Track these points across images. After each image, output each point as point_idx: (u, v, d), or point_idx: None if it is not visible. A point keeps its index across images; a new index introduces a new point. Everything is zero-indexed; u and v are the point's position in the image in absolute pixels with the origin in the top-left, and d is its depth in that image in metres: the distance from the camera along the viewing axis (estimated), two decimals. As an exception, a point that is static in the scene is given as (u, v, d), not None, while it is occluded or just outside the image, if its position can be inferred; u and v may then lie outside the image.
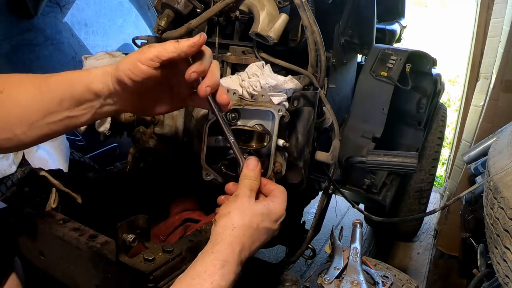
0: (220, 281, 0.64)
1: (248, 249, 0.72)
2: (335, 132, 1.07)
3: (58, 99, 0.72)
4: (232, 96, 0.86)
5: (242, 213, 0.73)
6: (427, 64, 2.05)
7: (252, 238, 0.72)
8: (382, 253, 2.52)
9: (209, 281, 0.63)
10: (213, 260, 0.66)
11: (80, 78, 0.73)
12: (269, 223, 0.75)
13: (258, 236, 0.74)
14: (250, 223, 0.72)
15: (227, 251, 0.68)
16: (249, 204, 0.74)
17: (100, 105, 0.76)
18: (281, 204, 0.78)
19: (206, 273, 0.64)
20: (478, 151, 1.87)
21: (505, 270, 0.91)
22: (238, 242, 0.70)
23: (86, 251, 0.87)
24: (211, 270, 0.65)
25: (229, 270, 0.66)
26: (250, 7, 1.03)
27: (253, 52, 1.08)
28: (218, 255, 0.67)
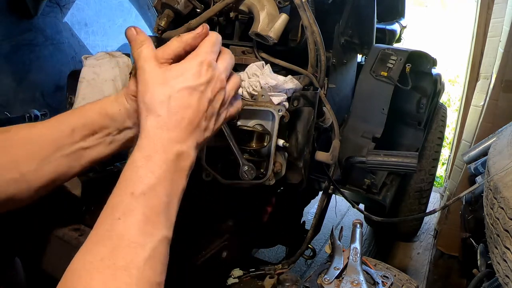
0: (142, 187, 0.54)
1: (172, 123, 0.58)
2: (335, 132, 1.07)
3: (69, 130, 0.67)
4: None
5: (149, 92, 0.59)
6: (427, 64, 2.05)
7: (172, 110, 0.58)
8: (382, 253, 2.52)
9: (129, 192, 0.54)
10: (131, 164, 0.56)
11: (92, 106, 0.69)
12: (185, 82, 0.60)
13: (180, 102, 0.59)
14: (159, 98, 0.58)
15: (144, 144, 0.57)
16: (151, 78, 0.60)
17: (118, 131, 0.70)
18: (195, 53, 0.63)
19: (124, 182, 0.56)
20: (478, 151, 1.87)
21: (505, 270, 0.91)
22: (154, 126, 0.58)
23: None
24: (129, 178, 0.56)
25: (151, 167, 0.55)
26: (250, 7, 1.03)
27: (253, 52, 1.07)
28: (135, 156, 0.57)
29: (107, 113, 0.68)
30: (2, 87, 1.81)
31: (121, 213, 0.53)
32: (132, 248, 0.51)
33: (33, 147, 0.66)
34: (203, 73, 0.61)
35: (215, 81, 0.63)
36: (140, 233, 0.52)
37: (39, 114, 1.88)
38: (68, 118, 0.68)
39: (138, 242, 0.51)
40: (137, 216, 0.53)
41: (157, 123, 0.58)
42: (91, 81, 1.01)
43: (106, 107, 0.69)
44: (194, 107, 0.60)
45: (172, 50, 0.63)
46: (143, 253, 0.51)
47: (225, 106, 0.67)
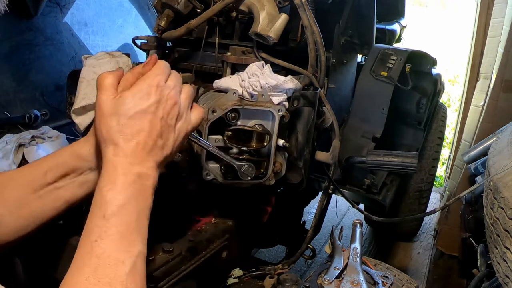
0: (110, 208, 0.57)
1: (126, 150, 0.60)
2: (335, 132, 1.07)
3: (42, 171, 0.70)
4: (232, 96, 0.86)
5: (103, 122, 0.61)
6: (427, 64, 2.05)
7: (125, 137, 0.61)
8: (382, 253, 2.52)
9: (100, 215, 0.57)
10: (98, 192, 0.59)
11: (65, 148, 0.72)
12: (135, 107, 0.61)
13: (132, 128, 0.61)
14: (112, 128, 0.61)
15: (107, 172, 0.60)
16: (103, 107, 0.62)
17: (89, 170, 0.72)
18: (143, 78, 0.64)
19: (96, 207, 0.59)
20: (478, 151, 1.87)
21: (505, 270, 0.91)
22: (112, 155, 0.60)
23: (86, 251, 0.87)
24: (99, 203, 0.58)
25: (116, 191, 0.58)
26: (250, 7, 1.03)
27: (253, 52, 1.07)
28: (101, 183, 0.60)
29: (78, 154, 0.71)
30: (2, 87, 1.81)
31: (97, 235, 0.56)
32: (113, 265, 0.54)
33: (7, 191, 0.68)
34: (152, 93, 0.63)
35: (165, 98, 0.64)
36: (118, 251, 0.55)
37: (39, 114, 1.88)
38: (41, 162, 0.71)
39: (118, 259, 0.55)
40: (112, 236, 0.56)
41: (115, 151, 0.61)
42: (91, 81, 1.01)
43: (77, 148, 0.71)
44: (146, 129, 0.62)
45: (127, 82, 0.65)
46: (123, 268, 0.55)
47: (183, 119, 0.68)
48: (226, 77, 1.02)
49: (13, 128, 1.76)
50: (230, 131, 0.85)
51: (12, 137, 1.64)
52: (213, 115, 0.81)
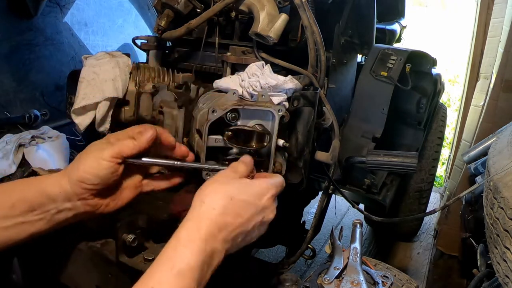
0: (181, 265, 0.58)
1: (220, 221, 0.64)
2: (335, 132, 1.07)
3: (9, 203, 0.69)
4: (232, 96, 0.86)
5: (216, 188, 0.67)
6: (427, 64, 2.05)
7: (225, 210, 0.65)
8: (382, 253, 2.52)
9: (169, 268, 0.58)
10: (175, 242, 0.61)
11: (34, 182, 0.72)
12: (249, 196, 0.67)
13: (234, 208, 0.66)
14: (222, 195, 0.65)
15: (191, 228, 0.62)
16: (226, 179, 0.69)
17: (57, 211, 0.72)
18: (269, 180, 0.72)
19: (166, 257, 0.60)
20: (478, 151, 1.87)
21: (505, 270, 0.91)
22: (206, 216, 0.63)
23: (86, 251, 0.87)
24: (171, 254, 0.60)
25: (192, 251, 0.59)
26: (250, 7, 1.03)
27: (253, 52, 1.07)
28: (180, 234, 0.61)
29: (46, 193, 0.71)
30: (2, 87, 1.81)
31: (156, 282, 0.57)
32: None
33: None
34: (265, 198, 0.69)
35: (269, 210, 0.71)
36: None
37: (39, 114, 1.88)
38: (10, 190, 0.71)
39: None
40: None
41: (210, 215, 0.63)
42: (91, 81, 1.01)
43: (46, 187, 0.71)
44: (243, 219, 0.66)
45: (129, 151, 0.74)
46: None
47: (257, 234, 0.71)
48: (226, 77, 1.02)
49: (13, 128, 1.76)
50: (230, 131, 0.85)
51: (12, 137, 1.64)
52: (213, 115, 0.81)
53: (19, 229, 0.71)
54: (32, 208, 0.71)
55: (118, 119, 1.08)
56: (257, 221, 0.69)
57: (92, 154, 0.71)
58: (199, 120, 0.91)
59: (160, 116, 1.10)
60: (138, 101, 1.09)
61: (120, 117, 1.09)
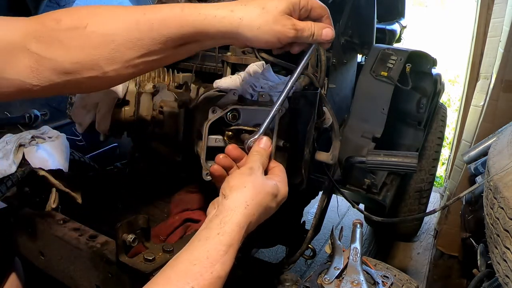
0: (220, 270, 0.58)
1: (251, 229, 0.66)
2: (335, 132, 1.07)
3: (162, 39, 0.64)
4: (232, 96, 0.86)
5: (256, 189, 0.67)
6: (427, 64, 2.05)
7: (259, 218, 0.67)
8: (382, 253, 2.52)
9: (210, 271, 0.57)
10: (218, 245, 0.60)
11: (192, 19, 0.65)
12: (274, 203, 0.71)
13: (263, 216, 0.69)
14: (261, 202, 0.67)
15: (234, 234, 0.62)
16: (262, 181, 0.69)
17: (213, 43, 0.71)
18: (285, 185, 0.74)
19: (208, 260, 0.58)
20: (478, 151, 1.87)
21: (505, 270, 0.91)
22: (247, 223, 0.64)
23: (86, 251, 0.87)
24: (214, 257, 0.59)
25: (231, 256, 0.61)
26: (250, 7, 1.03)
27: (253, 52, 1.07)
28: (224, 238, 0.60)
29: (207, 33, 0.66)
30: (2, 87, 1.81)
31: (195, 284, 0.56)
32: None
33: (117, 49, 0.63)
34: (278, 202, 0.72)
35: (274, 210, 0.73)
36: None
37: (39, 114, 1.88)
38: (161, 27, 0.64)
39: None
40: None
41: (249, 220, 0.65)
42: (91, 81, 1.01)
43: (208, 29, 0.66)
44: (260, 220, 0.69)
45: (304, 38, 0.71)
46: None
47: None
48: (226, 77, 1.02)
49: (13, 128, 1.76)
50: (230, 131, 0.85)
51: (12, 137, 1.64)
52: (213, 115, 0.81)
53: (167, 60, 0.69)
54: (187, 43, 0.68)
55: (118, 119, 1.08)
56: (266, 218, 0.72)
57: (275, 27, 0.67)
58: (199, 120, 0.91)
59: (160, 116, 1.10)
60: (138, 101, 1.10)
61: (120, 117, 1.09)
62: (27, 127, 1.81)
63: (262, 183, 0.69)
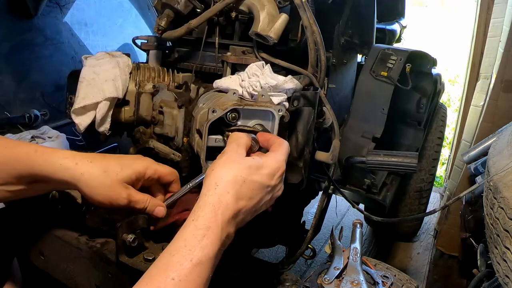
0: (201, 256, 0.57)
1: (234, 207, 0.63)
2: (335, 132, 1.07)
3: (17, 175, 0.72)
4: (232, 96, 0.86)
5: (226, 168, 0.65)
6: (427, 64, 2.05)
7: (239, 194, 0.64)
8: (382, 253, 2.52)
9: (189, 258, 0.56)
10: (193, 230, 0.59)
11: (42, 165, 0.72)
12: (260, 177, 0.67)
13: (247, 191, 0.65)
14: (235, 178, 0.64)
15: (209, 215, 0.60)
16: (235, 158, 0.67)
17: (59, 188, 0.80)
18: (277, 157, 0.71)
19: (186, 247, 0.57)
20: (478, 151, 1.87)
21: (505, 270, 0.91)
22: (221, 201, 0.62)
23: (86, 251, 0.87)
24: (191, 244, 0.58)
25: (212, 239, 0.59)
26: (250, 7, 1.03)
27: (253, 52, 1.07)
28: (198, 222, 0.60)
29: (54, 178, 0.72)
30: (2, 87, 1.81)
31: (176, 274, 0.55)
32: None
33: None
34: (275, 177, 0.69)
35: (278, 189, 0.71)
36: None
37: (39, 114, 1.88)
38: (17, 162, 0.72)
39: None
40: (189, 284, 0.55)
41: (225, 200, 0.62)
42: (91, 81, 1.01)
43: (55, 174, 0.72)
44: (255, 201, 0.67)
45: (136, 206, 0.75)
46: None
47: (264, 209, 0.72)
48: (226, 77, 1.02)
49: (13, 128, 1.76)
50: (230, 131, 0.85)
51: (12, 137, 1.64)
52: (213, 115, 0.81)
53: (23, 193, 0.75)
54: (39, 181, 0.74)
55: (118, 119, 1.08)
56: (267, 199, 0.70)
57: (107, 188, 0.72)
58: (199, 120, 0.91)
59: (160, 116, 1.10)
60: (138, 101, 1.09)
61: (120, 117, 1.09)
62: (27, 127, 1.81)
63: (235, 159, 0.67)
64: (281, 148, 0.73)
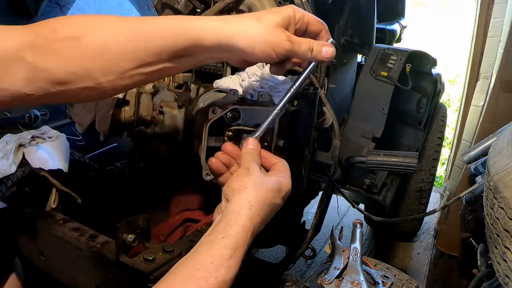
0: (225, 275, 0.57)
1: (258, 229, 0.65)
2: (335, 132, 1.07)
3: (157, 50, 0.64)
4: (232, 96, 0.86)
5: (257, 189, 0.66)
6: (427, 64, 2.05)
7: (265, 217, 0.66)
8: (382, 253, 2.52)
9: (214, 276, 0.56)
10: (223, 249, 0.59)
11: (187, 30, 0.65)
12: (279, 199, 0.69)
13: (269, 214, 0.68)
14: (264, 200, 0.66)
15: (240, 236, 0.61)
16: (262, 179, 0.68)
17: (209, 57, 0.70)
18: (288, 179, 0.73)
19: (212, 264, 0.57)
20: (478, 151, 1.87)
21: (505, 270, 0.91)
22: (252, 224, 0.63)
23: (86, 251, 0.87)
24: (219, 261, 0.58)
25: (237, 260, 0.60)
26: (250, 7, 1.03)
27: (253, 52, 1.07)
28: (229, 241, 0.60)
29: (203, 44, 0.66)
30: (2, 87, 1.81)
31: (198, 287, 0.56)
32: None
33: (113, 60, 0.63)
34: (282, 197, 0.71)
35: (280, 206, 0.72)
36: None
37: (39, 114, 1.88)
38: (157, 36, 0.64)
39: None
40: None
41: (255, 221, 0.64)
42: (91, 81, 1.01)
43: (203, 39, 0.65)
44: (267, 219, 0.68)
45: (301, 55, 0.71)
46: None
47: None
48: (226, 77, 1.02)
49: (13, 128, 1.76)
50: (230, 131, 0.85)
51: (12, 137, 1.64)
52: (213, 115, 0.81)
53: (163, 73, 0.68)
54: (183, 56, 0.67)
55: (118, 119, 1.08)
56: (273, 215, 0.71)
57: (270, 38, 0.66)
58: (199, 120, 0.91)
59: (160, 116, 1.10)
60: (138, 101, 1.10)
61: (120, 117, 1.09)
62: (27, 127, 1.81)
63: (262, 181, 0.68)
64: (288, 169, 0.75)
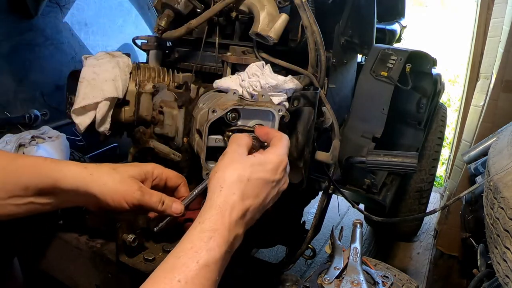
0: (208, 258, 0.56)
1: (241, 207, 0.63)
2: (335, 132, 1.07)
3: (23, 185, 0.71)
4: (232, 96, 0.86)
5: (229, 169, 0.65)
6: (427, 64, 2.05)
7: (244, 194, 0.64)
8: (382, 253, 2.52)
9: (195, 260, 0.56)
10: (200, 233, 0.59)
11: (49, 172, 0.72)
12: (264, 173, 0.67)
13: (253, 190, 0.65)
14: (239, 178, 0.64)
15: (216, 218, 0.60)
16: (237, 158, 0.67)
17: (69, 200, 0.76)
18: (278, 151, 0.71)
19: (192, 249, 0.57)
20: (478, 151, 1.87)
21: (505, 270, 0.91)
22: (227, 203, 0.62)
23: (86, 251, 0.87)
24: (198, 245, 0.57)
25: (218, 242, 0.58)
26: (250, 7, 1.03)
27: (253, 52, 1.07)
28: (205, 225, 0.59)
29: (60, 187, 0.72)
30: (2, 87, 1.81)
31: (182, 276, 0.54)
32: None
33: None
34: (279, 171, 0.69)
35: (283, 182, 0.71)
36: None
37: (39, 114, 1.88)
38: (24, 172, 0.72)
39: None
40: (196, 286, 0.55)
41: (231, 201, 0.62)
42: (91, 81, 1.01)
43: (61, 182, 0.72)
44: (261, 198, 0.66)
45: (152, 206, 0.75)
46: None
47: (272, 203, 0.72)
48: (226, 77, 1.02)
49: (13, 128, 1.76)
50: (230, 131, 0.85)
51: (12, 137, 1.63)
52: (213, 115, 0.81)
53: (30, 207, 0.74)
54: (45, 194, 0.73)
55: (118, 119, 1.08)
56: (274, 194, 0.70)
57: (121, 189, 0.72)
58: (199, 120, 0.91)
59: (160, 116, 1.10)
60: (138, 101, 1.10)
61: (120, 117, 1.09)
62: (27, 127, 1.81)
63: (236, 159, 0.67)
64: (282, 142, 0.73)
